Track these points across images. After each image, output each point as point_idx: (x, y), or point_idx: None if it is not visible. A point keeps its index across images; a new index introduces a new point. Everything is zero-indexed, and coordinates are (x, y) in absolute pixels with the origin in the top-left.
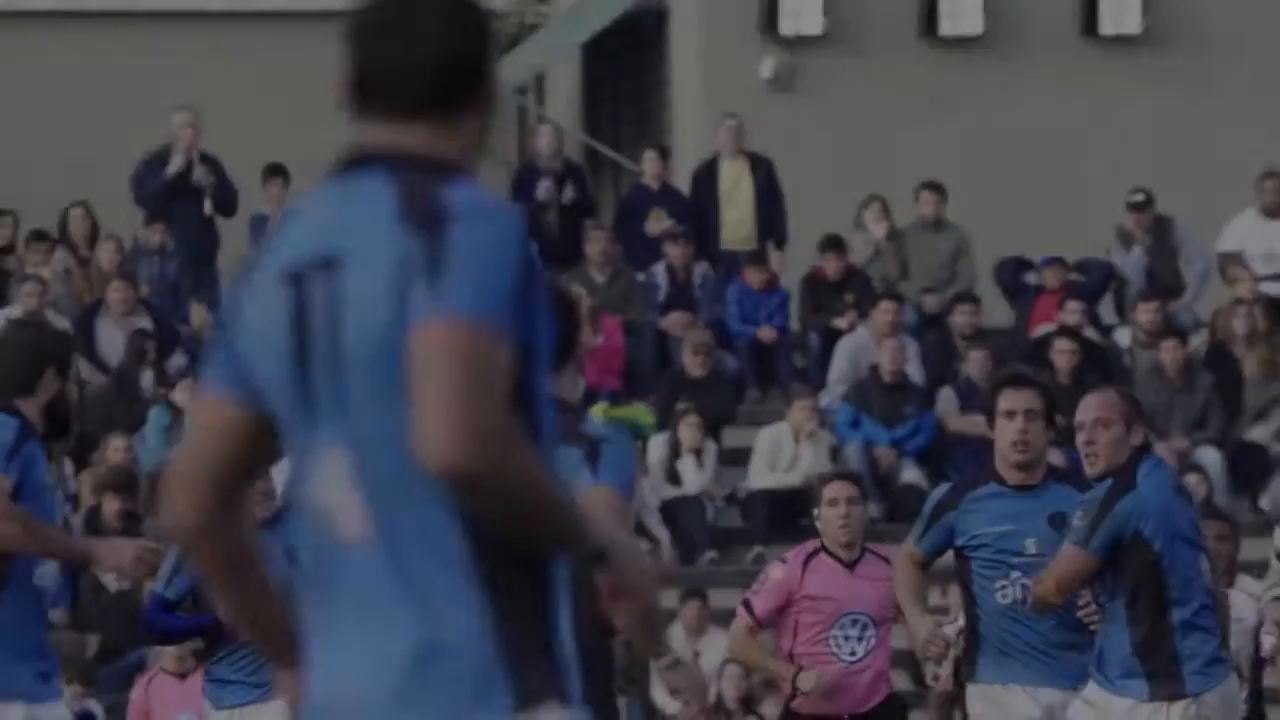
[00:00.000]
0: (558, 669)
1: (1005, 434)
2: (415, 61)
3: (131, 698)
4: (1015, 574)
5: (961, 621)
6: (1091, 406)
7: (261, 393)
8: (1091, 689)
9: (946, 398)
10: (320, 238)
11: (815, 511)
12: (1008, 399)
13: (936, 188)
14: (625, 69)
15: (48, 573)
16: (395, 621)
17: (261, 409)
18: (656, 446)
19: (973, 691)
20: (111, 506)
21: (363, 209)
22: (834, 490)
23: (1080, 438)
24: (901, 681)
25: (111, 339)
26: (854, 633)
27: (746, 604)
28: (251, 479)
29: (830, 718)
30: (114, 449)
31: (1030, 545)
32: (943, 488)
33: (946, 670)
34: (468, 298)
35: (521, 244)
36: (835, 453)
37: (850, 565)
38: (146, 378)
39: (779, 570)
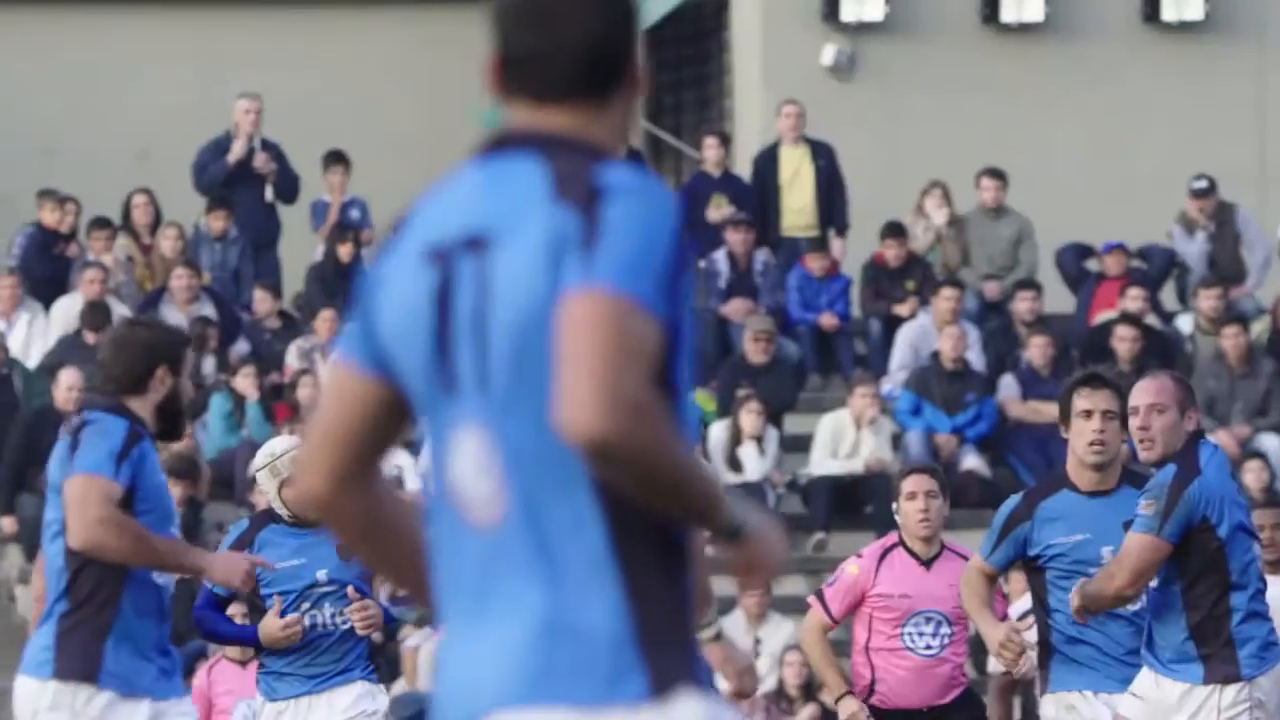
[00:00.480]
0: (691, 654)
1: (1082, 434)
2: (561, 47)
3: (193, 684)
4: None
5: (1033, 633)
6: (1146, 392)
7: (397, 367)
8: (1142, 678)
9: (1008, 385)
10: (467, 217)
11: (894, 505)
12: (1085, 399)
13: (998, 174)
14: (687, 56)
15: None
16: (531, 602)
17: (395, 382)
18: (717, 433)
19: (1048, 701)
20: (174, 492)
21: (513, 189)
22: (913, 484)
23: (1134, 423)
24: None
25: (174, 325)
26: (928, 630)
27: (820, 597)
28: (383, 450)
29: (908, 711)
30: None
31: (1107, 554)
32: (1014, 499)
33: (1025, 665)
34: (618, 271)
35: (675, 225)
36: (896, 440)
37: (927, 563)
38: (208, 364)
39: (854, 566)
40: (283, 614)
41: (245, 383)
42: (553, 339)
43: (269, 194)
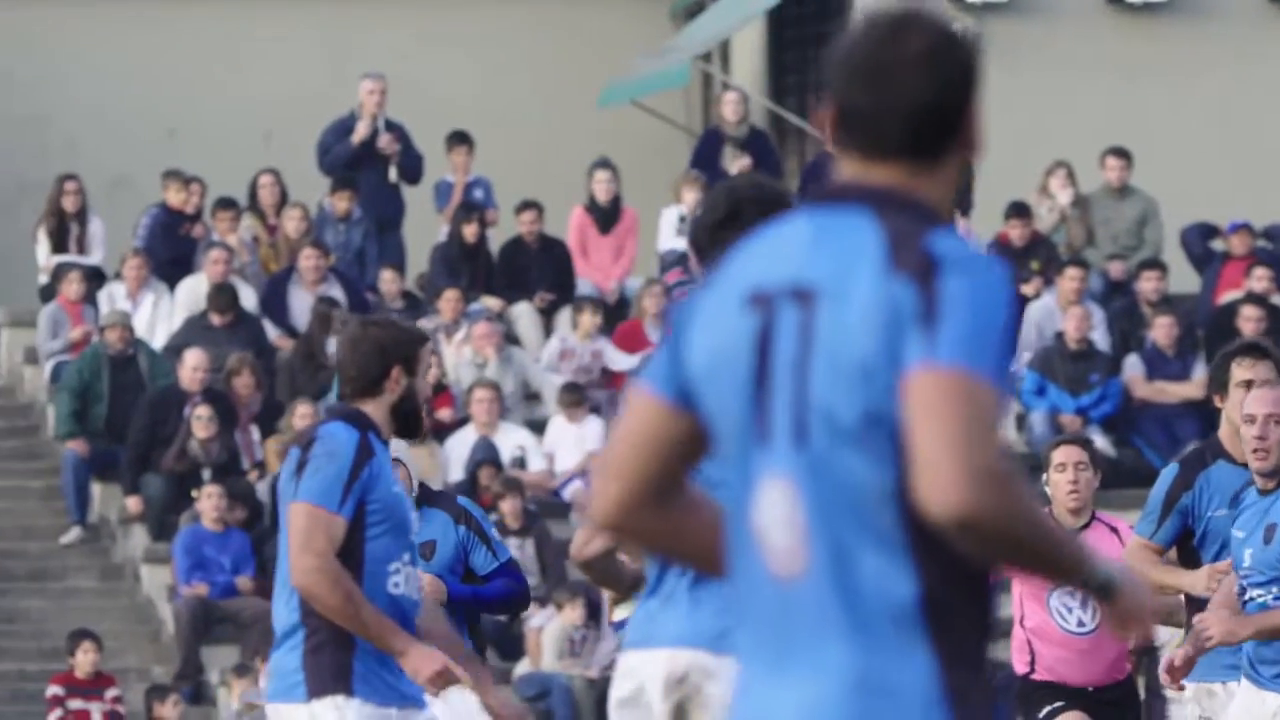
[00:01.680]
0: (996, 712)
1: (1240, 404)
2: (893, 107)
3: None
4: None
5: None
6: (1264, 401)
7: (703, 403)
8: (1245, 691)
9: (1133, 365)
10: (794, 267)
11: (1044, 476)
12: (1245, 369)
13: (1123, 154)
14: (811, 35)
15: (409, 577)
16: (836, 657)
17: (699, 415)
18: None
19: (1191, 691)
20: None
21: (844, 244)
22: (1062, 455)
23: (1250, 431)
24: None
25: (302, 306)
26: (1074, 603)
27: None
28: (680, 479)
29: (1071, 687)
30: (300, 415)
31: (1247, 557)
32: (1171, 470)
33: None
34: (962, 347)
35: (1010, 296)
36: (1021, 420)
37: (1075, 534)
38: (331, 346)
39: None
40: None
41: None
42: (878, 409)
43: (393, 174)
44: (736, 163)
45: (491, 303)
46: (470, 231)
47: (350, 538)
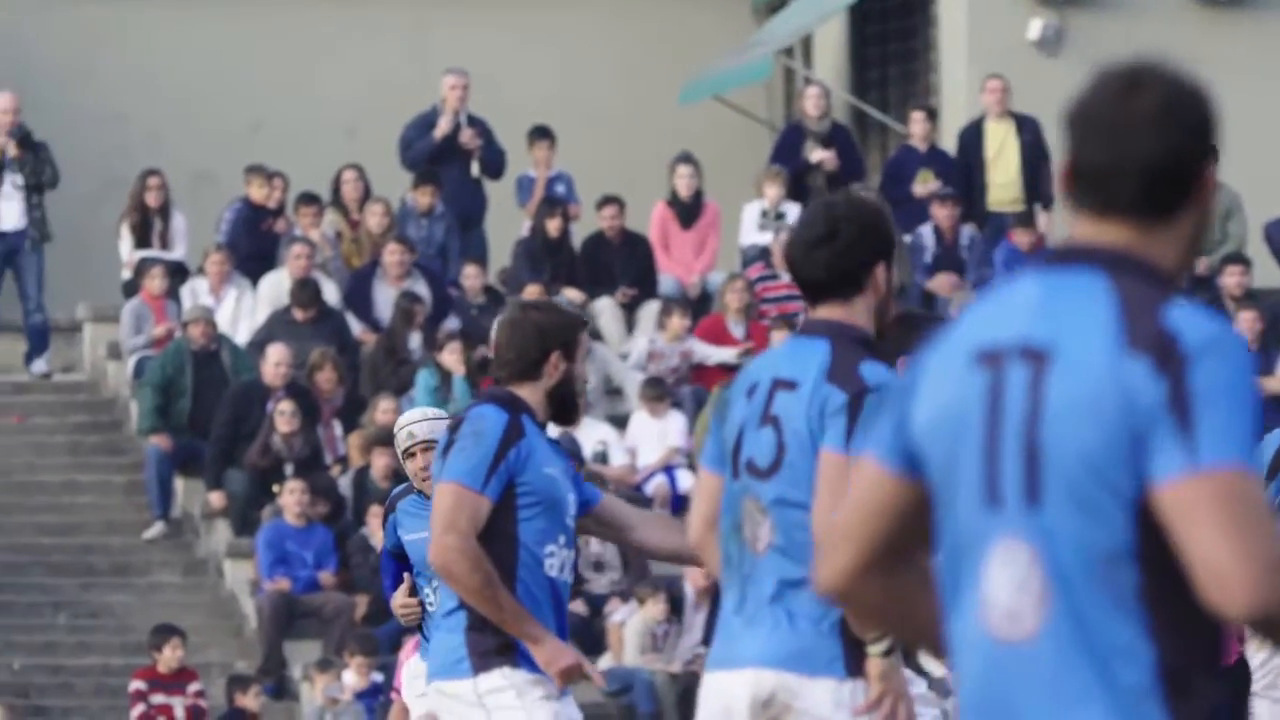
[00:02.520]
0: None
1: None
2: (1126, 165)
3: (400, 658)
4: None
5: None
6: None
7: (927, 465)
8: None
9: None
10: (1025, 326)
11: None
12: None
13: None
14: (893, 30)
15: (564, 561)
16: None
17: (925, 484)
18: None
19: None
20: (380, 464)
21: (1078, 307)
22: None
23: None
24: None
25: (386, 301)
26: None
27: None
28: (908, 548)
29: None
30: (382, 410)
31: None
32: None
33: None
34: (1227, 446)
35: (1252, 376)
36: None
37: None
38: (414, 340)
39: None
40: (414, 589)
41: (452, 358)
42: (1173, 524)
43: (475, 169)
44: (817, 156)
45: (572, 294)
46: (553, 226)
47: (503, 519)
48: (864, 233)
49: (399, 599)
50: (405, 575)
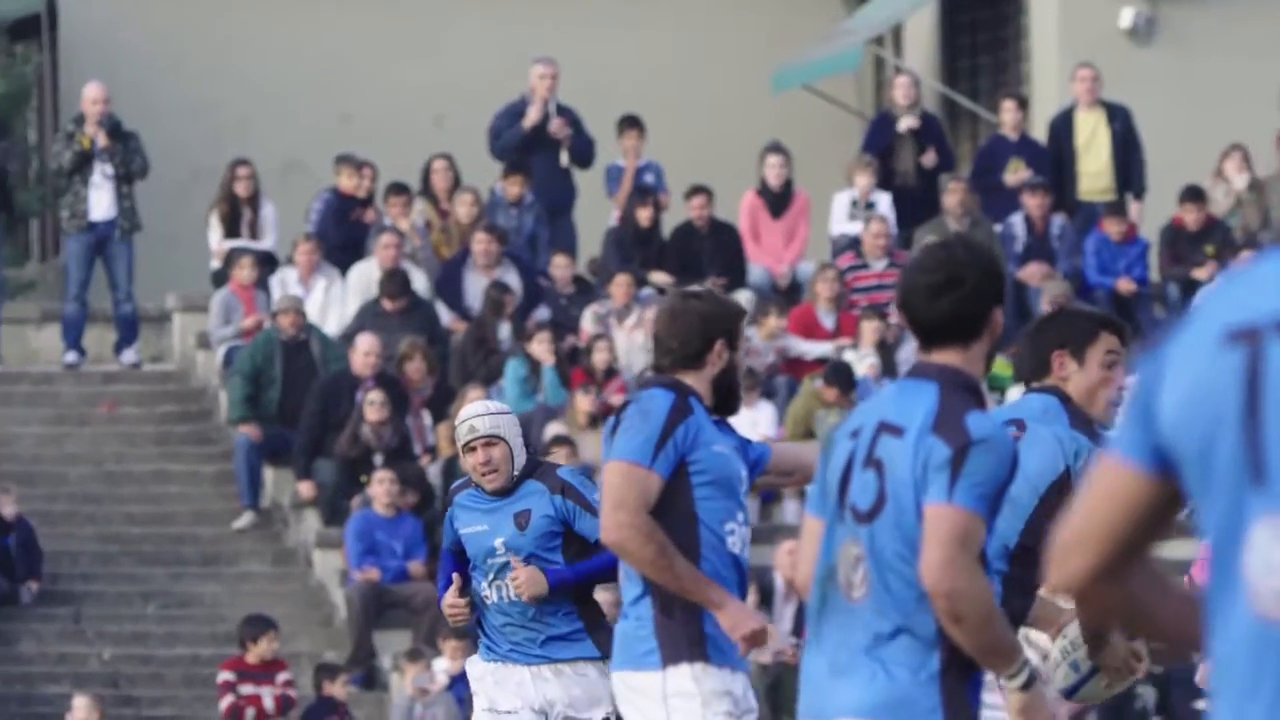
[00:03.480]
0: None
1: None
2: None
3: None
4: None
5: None
6: None
7: (1177, 457)
8: None
9: None
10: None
11: None
12: None
13: None
14: (983, 19)
15: (744, 538)
16: None
17: (1174, 479)
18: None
19: None
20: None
21: None
22: None
23: None
24: None
25: (476, 290)
26: None
27: None
28: (1150, 546)
29: None
30: (471, 400)
31: None
32: None
33: None
34: None
35: None
36: None
37: None
38: (504, 330)
39: None
40: (472, 582)
41: (541, 348)
42: None
43: (564, 159)
44: (906, 124)
45: (661, 277)
46: (644, 216)
47: (682, 500)
48: (987, 279)
49: (449, 599)
50: (455, 576)
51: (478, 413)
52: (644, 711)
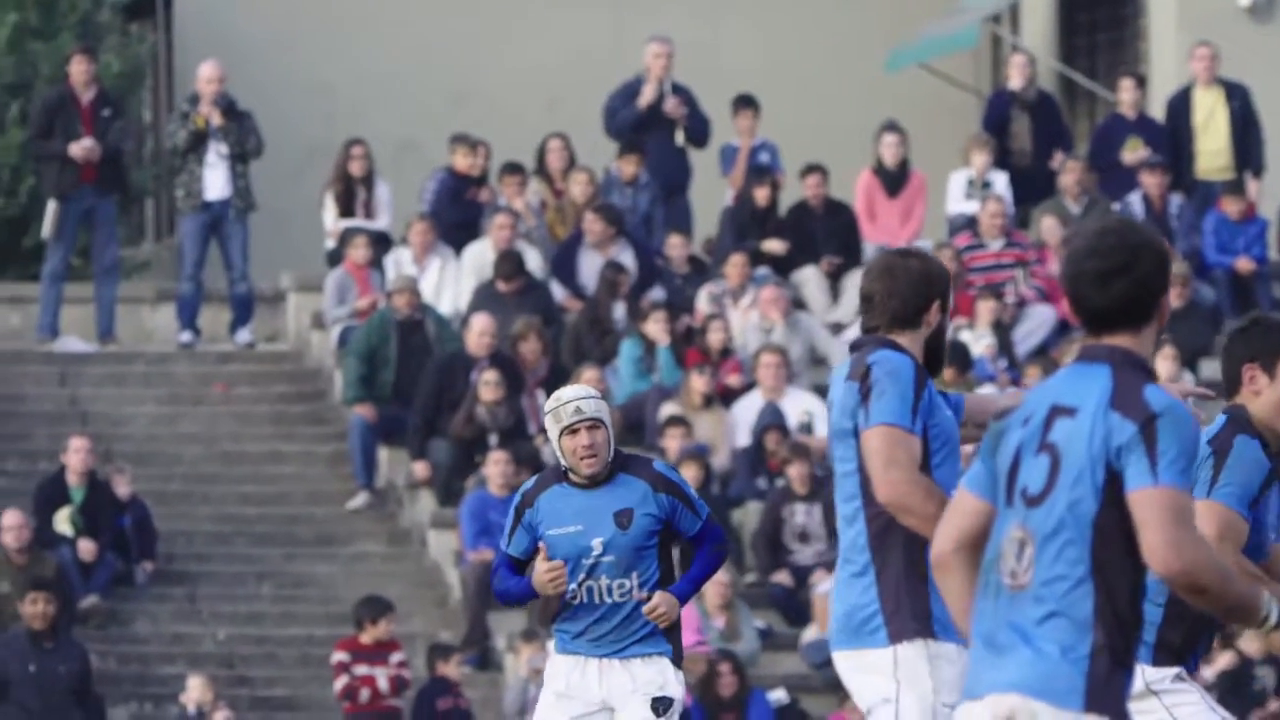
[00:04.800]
0: None
1: None
2: None
3: None
4: None
5: None
6: None
7: None
8: None
9: None
10: None
11: None
12: None
13: None
14: None
15: None
16: None
17: None
18: None
19: None
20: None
21: None
22: None
23: None
24: None
25: (592, 271)
26: None
27: None
28: None
29: None
30: (586, 380)
31: None
32: None
33: None
34: None
35: None
36: None
37: None
38: (619, 310)
39: None
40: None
41: (656, 328)
42: None
43: (679, 138)
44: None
45: (774, 245)
46: (761, 195)
47: (921, 467)
48: (1158, 264)
49: (544, 566)
50: (540, 544)
51: (583, 395)
52: (874, 688)
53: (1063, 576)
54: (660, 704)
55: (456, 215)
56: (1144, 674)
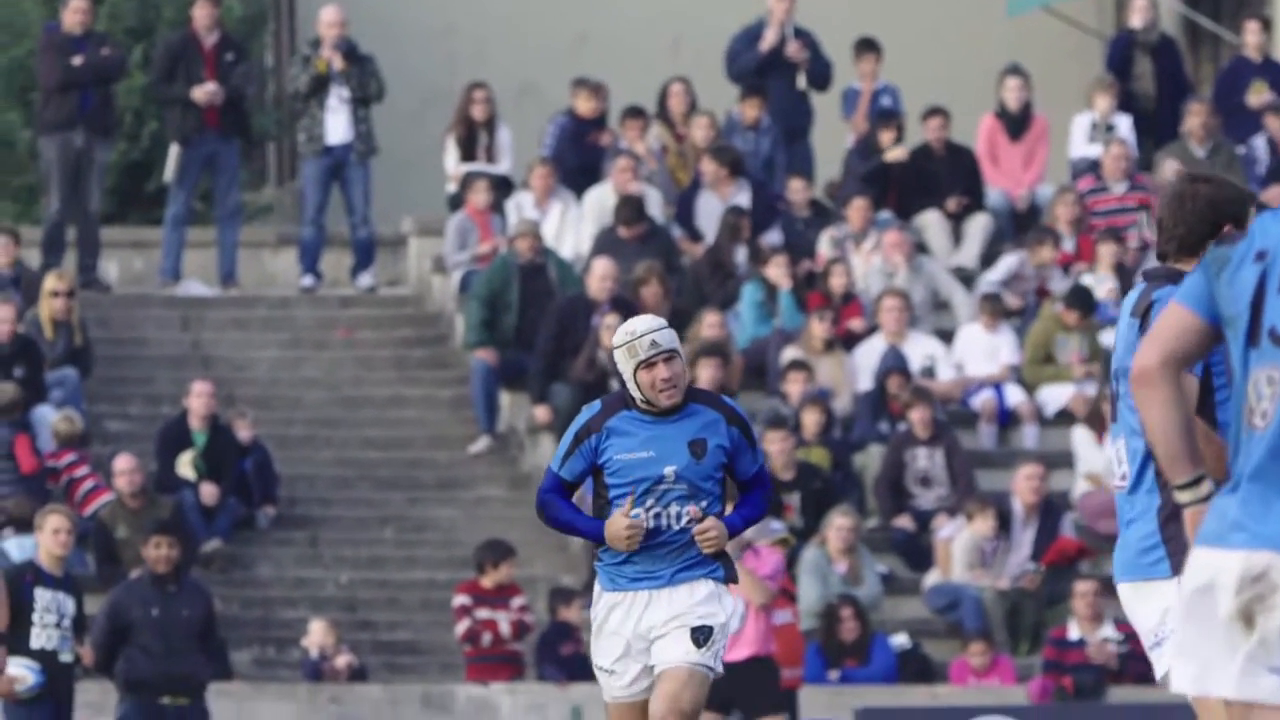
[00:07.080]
0: None
1: None
2: None
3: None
4: None
5: None
6: None
7: None
8: None
9: None
10: None
11: None
12: None
13: None
14: None
15: None
16: None
17: None
18: None
19: None
20: (705, 376)
21: None
22: None
23: None
24: None
25: (712, 214)
26: None
27: None
28: None
29: None
30: (708, 324)
31: None
32: None
33: None
34: None
35: None
36: None
37: None
38: (740, 254)
39: None
40: (611, 506)
41: (777, 272)
42: None
43: (801, 82)
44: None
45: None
46: (887, 138)
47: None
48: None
49: (624, 522)
50: (625, 501)
51: (657, 326)
52: (1162, 615)
53: None
54: (700, 633)
55: (577, 159)
56: None
